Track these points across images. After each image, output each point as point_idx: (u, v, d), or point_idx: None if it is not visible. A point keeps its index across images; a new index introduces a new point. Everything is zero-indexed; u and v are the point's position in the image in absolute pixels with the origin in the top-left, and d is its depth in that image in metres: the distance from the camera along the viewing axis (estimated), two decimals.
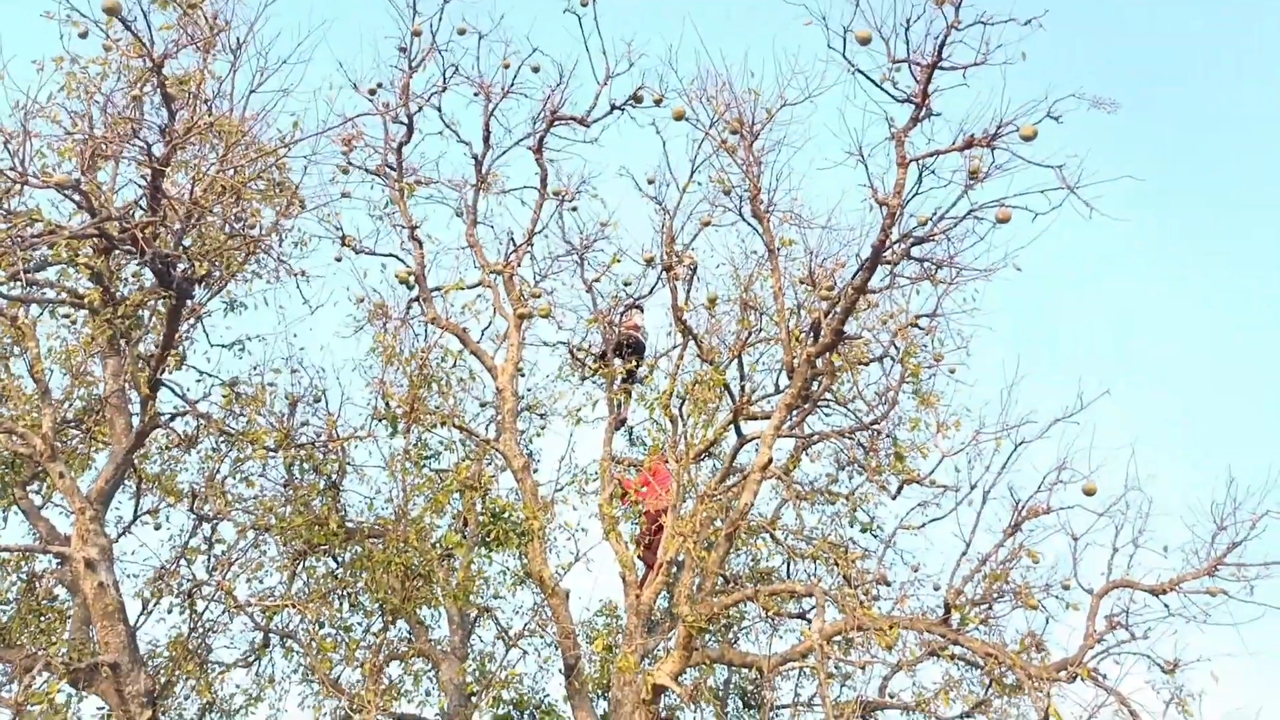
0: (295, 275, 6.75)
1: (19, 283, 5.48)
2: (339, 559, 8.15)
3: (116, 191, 6.22)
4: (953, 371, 8.87)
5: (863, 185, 6.90)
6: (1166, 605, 6.78)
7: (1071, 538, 7.29)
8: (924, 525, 8.37)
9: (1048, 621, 7.35)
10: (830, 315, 7.48)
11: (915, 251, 7.48)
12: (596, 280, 9.92)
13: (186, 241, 5.81)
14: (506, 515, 6.87)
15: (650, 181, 9.12)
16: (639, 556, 8.63)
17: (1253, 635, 6.21)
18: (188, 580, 7.52)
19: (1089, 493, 7.27)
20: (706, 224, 9.18)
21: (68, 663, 5.53)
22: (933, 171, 6.87)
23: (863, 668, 7.23)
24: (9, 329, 6.40)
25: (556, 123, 9.43)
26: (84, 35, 6.15)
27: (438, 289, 9.28)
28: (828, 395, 8.97)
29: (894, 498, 8.68)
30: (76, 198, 5.10)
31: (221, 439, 7.57)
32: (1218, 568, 6.69)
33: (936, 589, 8.51)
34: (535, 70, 9.23)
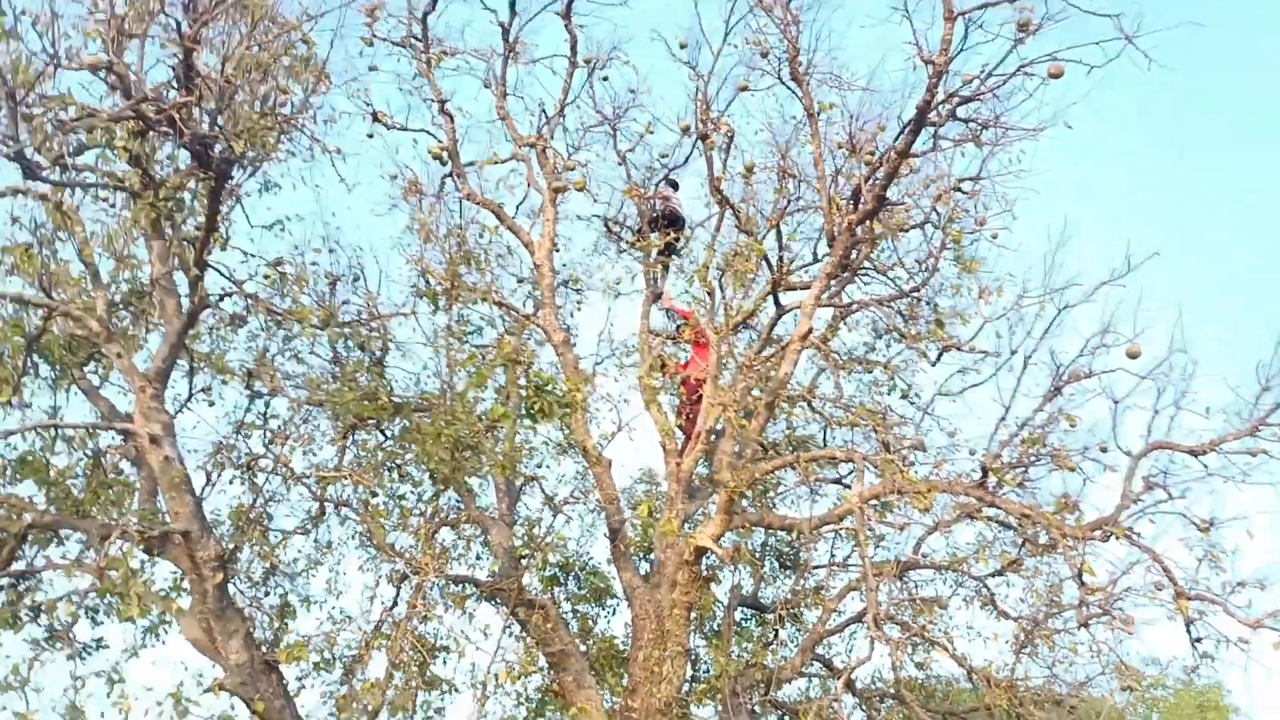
0: (330, 153, 6.69)
1: (60, 167, 5.49)
2: (387, 433, 8.40)
3: (146, 72, 6.12)
4: (995, 237, 8.71)
5: (908, 43, 6.62)
6: (1205, 465, 6.82)
7: (1112, 401, 7.30)
8: (963, 391, 8.43)
9: (1085, 484, 7.46)
10: (871, 181, 7.32)
11: (960, 112, 7.22)
12: (630, 151, 9.74)
13: (220, 121, 5.75)
14: (550, 388, 7.00)
15: (683, 46, 8.81)
16: (678, 426, 8.79)
17: None
18: (245, 454, 7.84)
19: (1133, 355, 7.22)
20: (743, 89, 8.88)
21: (142, 530, 5.85)
22: (980, 25, 6.56)
23: (901, 529, 7.42)
24: (54, 214, 6.47)
25: None
26: None
27: (471, 164, 9.17)
28: (867, 263, 8.88)
29: (934, 364, 8.70)
30: (110, 79, 5.05)
31: (269, 318, 7.72)
32: (1260, 428, 6.69)
33: (973, 454, 8.63)
34: None
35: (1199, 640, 6.62)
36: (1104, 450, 7.53)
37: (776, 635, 9.55)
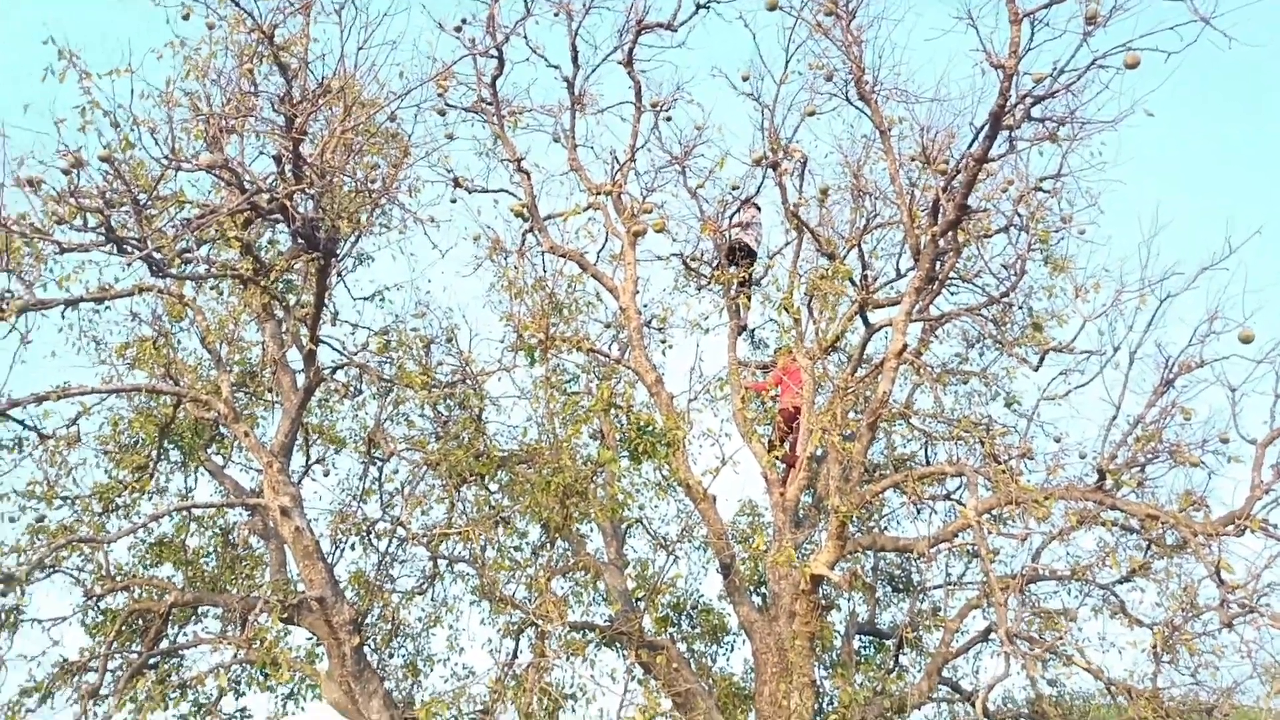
0: (422, 222, 6.98)
1: (184, 263, 5.85)
2: (491, 487, 8.59)
3: (251, 164, 6.50)
4: (1082, 232, 8.55)
5: (974, 50, 6.61)
6: None
7: (1229, 389, 7.03)
8: (1068, 393, 8.22)
9: (1209, 478, 7.18)
10: (950, 190, 7.28)
11: (1035, 111, 7.15)
12: (700, 186, 9.87)
13: (324, 203, 6.07)
14: (650, 428, 7.09)
15: (745, 79, 8.93)
16: (778, 457, 8.79)
17: None
18: (363, 519, 8.12)
19: (1246, 340, 6.96)
20: (810, 114, 8.95)
21: (281, 600, 6.11)
22: (1046, 24, 6.51)
23: (1022, 540, 7.24)
24: (174, 307, 6.87)
25: (643, 32, 9.27)
26: (186, 17, 6.45)
27: (550, 217, 9.41)
28: (953, 273, 8.79)
29: (1036, 369, 8.52)
30: (225, 176, 5.40)
31: (379, 385, 8.04)
32: None
33: (1083, 457, 8.40)
34: None
35: None
36: (1225, 441, 7.25)
37: (898, 661, 9.35)
